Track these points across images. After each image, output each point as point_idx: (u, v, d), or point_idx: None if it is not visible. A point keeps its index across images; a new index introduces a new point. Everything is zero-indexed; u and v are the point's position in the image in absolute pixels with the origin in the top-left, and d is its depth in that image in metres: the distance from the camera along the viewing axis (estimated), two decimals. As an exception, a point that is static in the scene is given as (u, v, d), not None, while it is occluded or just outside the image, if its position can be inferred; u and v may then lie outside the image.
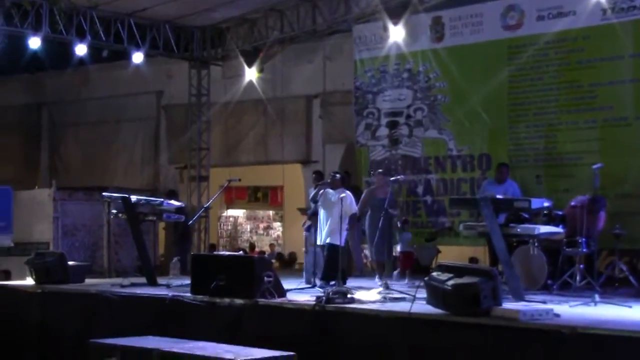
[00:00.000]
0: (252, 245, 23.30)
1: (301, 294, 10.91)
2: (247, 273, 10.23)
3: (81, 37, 17.49)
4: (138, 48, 18.38)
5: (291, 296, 10.49)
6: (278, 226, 24.38)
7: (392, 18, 15.84)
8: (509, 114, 14.99)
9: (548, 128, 14.54)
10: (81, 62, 19.28)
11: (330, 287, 10.86)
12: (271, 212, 24.64)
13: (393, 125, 16.49)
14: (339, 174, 13.48)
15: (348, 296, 9.79)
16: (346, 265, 14.61)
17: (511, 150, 14.87)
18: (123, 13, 17.82)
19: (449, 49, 15.79)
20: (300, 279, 12.96)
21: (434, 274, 9.01)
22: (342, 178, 13.18)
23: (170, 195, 16.15)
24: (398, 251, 13.78)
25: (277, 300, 10.06)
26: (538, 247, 11.73)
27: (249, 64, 18.66)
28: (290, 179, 20.75)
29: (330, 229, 12.61)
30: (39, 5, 16.29)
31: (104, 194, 15.24)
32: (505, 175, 13.75)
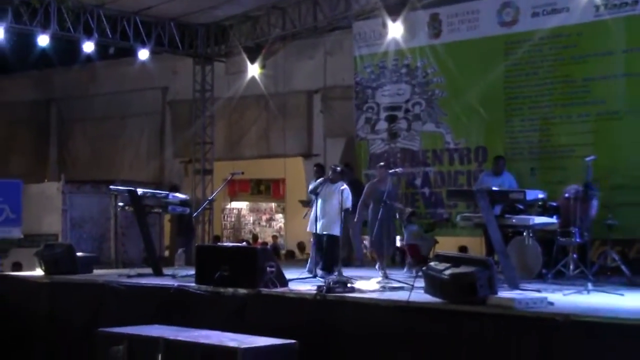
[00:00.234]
0: (255, 236, 23.28)
1: (303, 284, 10.89)
2: (250, 263, 10.22)
3: (88, 35, 17.52)
4: (144, 45, 18.39)
5: (293, 286, 10.48)
6: (280, 218, 24.36)
7: (391, 15, 15.85)
8: (505, 108, 14.99)
9: (543, 121, 14.54)
10: (88, 59, 19.36)
11: (331, 277, 10.86)
12: (273, 205, 24.61)
13: (392, 119, 16.49)
14: (339, 167, 13.47)
15: (348, 286, 9.78)
16: (346, 255, 14.67)
17: (507, 143, 14.87)
18: (129, 11, 17.84)
19: (446, 45, 15.78)
20: (301, 269, 12.92)
21: (432, 264, 9.01)
22: (342, 171, 13.16)
23: (172, 190, 16.14)
24: (404, 243, 13.71)
25: (279, 289, 10.05)
26: (533, 238, 11.72)
27: (252, 60, 18.67)
28: (292, 172, 20.76)
29: (329, 220, 12.61)
30: (48, 3, 16.31)
31: (111, 187, 15.31)
32: (502, 167, 13.76)
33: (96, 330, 9.83)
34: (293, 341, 8.70)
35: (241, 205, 24.99)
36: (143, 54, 18.56)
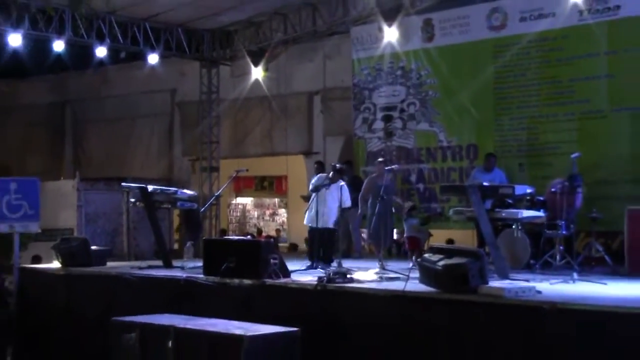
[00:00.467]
0: (260, 230, 23.30)
1: (304, 275, 10.89)
2: (255, 256, 10.21)
3: (101, 40, 17.52)
4: (153, 50, 18.39)
5: (295, 277, 10.47)
6: (283, 212, 24.35)
7: (387, 20, 15.88)
8: (495, 108, 14.97)
9: (530, 120, 14.54)
10: (101, 63, 19.29)
11: (331, 268, 10.86)
12: (276, 200, 24.62)
13: (388, 119, 16.49)
14: (338, 165, 13.40)
15: (347, 276, 9.76)
16: (346, 248, 14.66)
17: (497, 141, 14.86)
18: (139, 18, 17.82)
19: (439, 49, 15.77)
20: (304, 261, 12.86)
21: (426, 256, 9.00)
22: (340, 169, 13.07)
23: None
24: (405, 236, 13.63)
25: (282, 280, 10.04)
26: (521, 230, 11.75)
27: (255, 64, 18.69)
28: (293, 169, 20.72)
29: (329, 215, 12.59)
30: (62, 11, 16.31)
31: (123, 184, 15.25)
32: (492, 164, 13.76)
33: (110, 319, 9.83)
34: (295, 329, 8.69)
35: (246, 200, 24.99)
36: (152, 58, 18.56)
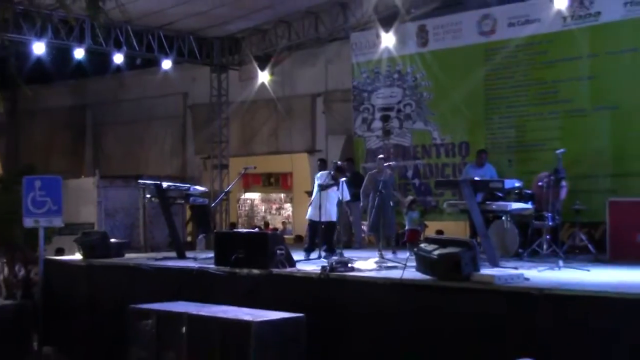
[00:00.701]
0: (267, 223, 23.29)
1: (309, 264, 10.90)
2: (262, 247, 10.21)
3: (118, 48, 17.61)
4: (166, 56, 18.45)
5: (300, 266, 10.47)
6: (288, 207, 24.35)
7: (384, 27, 15.88)
8: (485, 108, 14.98)
9: (518, 119, 14.55)
10: (118, 69, 19.35)
11: (333, 258, 10.84)
12: (282, 195, 24.60)
13: (386, 118, 16.50)
14: (340, 164, 13.31)
15: (349, 265, 9.75)
16: (347, 239, 14.66)
17: (487, 138, 14.88)
18: (153, 26, 17.85)
19: (433, 53, 15.78)
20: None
21: (422, 246, 9.00)
22: (340, 168, 13.00)
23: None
24: (406, 228, 13.54)
25: (288, 270, 10.05)
26: (511, 221, 11.75)
27: (262, 68, 18.72)
28: (298, 166, 20.73)
29: (330, 209, 12.55)
30: (82, 21, 16.32)
31: (140, 182, 15.31)
32: (484, 160, 13.74)
33: (128, 306, 9.88)
34: (301, 315, 8.73)
35: (254, 196, 24.97)
36: (166, 64, 18.62)
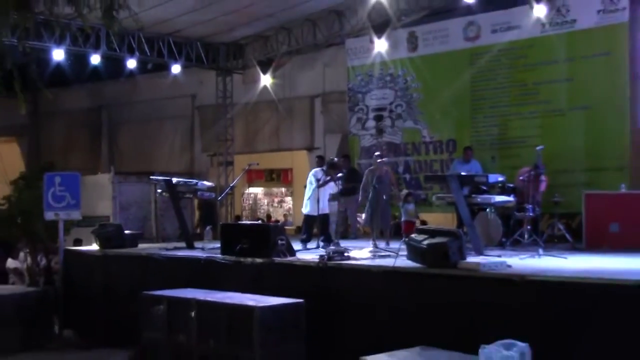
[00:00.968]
0: (269, 215, 23.24)
1: (308, 254, 10.88)
2: (265, 238, 10.17)
3: (131, 53, 17.61)
4: (176, 61, 18.44)
5: (300, 255, 10.46)
6: (289, 200, 24.27)
7: (377, 33, 15.83)
8: (471, 108, 15.00)
9: (501, 118, 14.57)
10: (131, 73, 19.34)
11: (330, 248, 10.82)
12: (283, 189, 24.54)
13: (379, 118, 16.50)
14: (335, 160, 13.26)
15: (345, 255, 9.75)
16: (344, 230, 14.63)
17: (472, 136, 14.88)
18: (164, 33, 17.83)
19: (422, 57, 15.79)
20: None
21: (413, 236, 8.99)
22: (334, 164, 12.97)
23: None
24: (402, 220, 13.46)
25: (289, 259, 10.02)
26: (494, 213, 11.75)
27: (264, 72, 18.68)
28: (298, 162, 20.73)
29: (325, 203, 12.49)
30: (98, 29, 16.31)
31: (152, 177, 15.26)
32: (470, 156, 13.76)
33: (141, 293, 9.87)
34: (301, 300, 8.72)
35: (257, 190, 24.93)
36: (175, 68, 18.61)
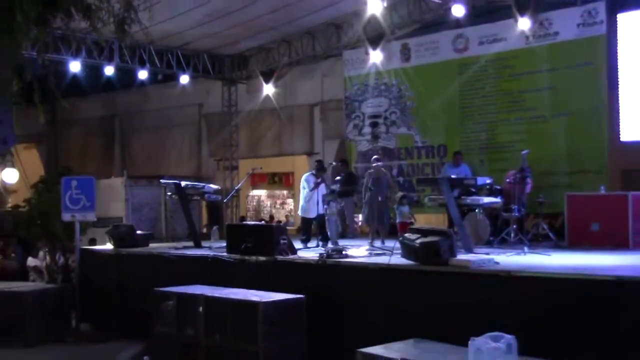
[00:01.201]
0: (272, 216, 23.21)
1: (308, 252, 10.89)
2: (268, 237, 10.18)
3: (142, 65, 17.64)
4: (184, 72, 18.45)
5: (301, 254, 10.47)
6: (290, 202, 24.24)
7: (372, 45, 15.87)
8: (460, 114, 15.01)
9: (489, 124, 14.59)
10: (142, 83, 19.36)
11: (329, 246, 10.81)
12: (285, 192, 24.52)
13: (374, 125, 16.52)
14: (331, 162, 13.20)
15: (343, 253, 9.77)
16: (342, 229, 14.57)
17: (462, 141, 14.88)
18: (173, 46, 17.84)
19: (415, 68, 15.80)
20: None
21: (407, 235, 8.98)
22: (320, 167, 12.96)
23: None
24: (397, 221, 13.42)
25: (290, 257, 10.03)
26: (483, 213, 11.73)
27: (266, 82, 18.69)
28: (299, 166, 20.70)
29: (319, 205, 12.41)
30: (112, 43, 16.28)
31: (162, 181, 15.30)
32: (459, 160, 13.77)
33: (152, 289, 9.86)
34: (302, 296, 8.73)
35: (260, 192, 24.92)
36: (183, 79, 18.62)
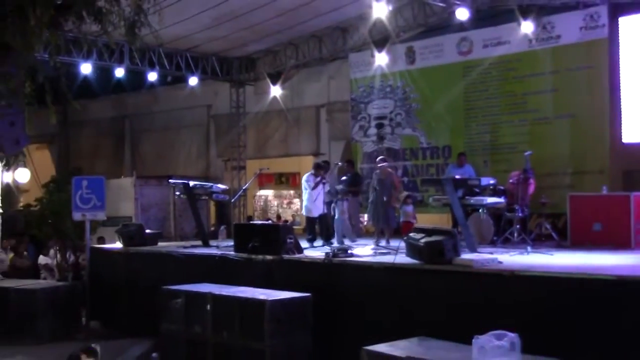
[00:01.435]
0: (279, 216, 23.22)
1: (314, 251, 10.89)
2: (275, 236, 10.18)
3: (152, 67, 17.65)
4: (193, 74, 18.46)
5: (307, 253, 10.47)
6: (297, 202, 24.21)
7: (377, 48, 15.92)
8: (464, 116, 15.01)
9: (492, 126, 14.58)
10: (152, 85, 19.40)
11: (335, 245, 10.82)
12: (292, 192, 24.50)
13: (380, 126, 16.52)
14: (333, 163, 13.17)
15: (348, 252, 9.77)
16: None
17: (466, 142, 14.88)
18: (182, 49, 17.85)
19: (419, 70, 15.80)
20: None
21: (411, 234, 8.99)
22: (319, 166, 12.94)
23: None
24: (401, 221, 13.37)
25: (297, 256, 10.03)
26: (486, 213, 11.72)
27: (274, 84, 18.73)
28: (305, 167, 20.48)
29: (321, 204, 12.38)
30: (122, 45, 16.30)
31: (170, 181, 15.33)
32: (463, 161, 13.73)
33: (161, 287, 9.88)
34: (308, 294, 8.75)
35: (267, 192, 24.92)
36: (192, 81, 18.64)
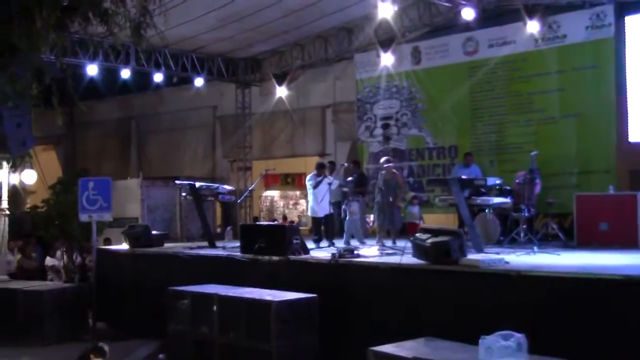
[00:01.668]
0: (285, 216, 23.22)
1: (320, 252, 10.86)
2: (281, 237, 10.16)
3: (158, 68, 17.68)
4: (198, 75, 18.49)
5: (313, 253, 10.44)
6: (303, 202, 24.21)
7: (383, 48, 15.88)
8: (471, 116, 14.99)
9: (499, 126, 14.55)
10: (158, 86, 19.40)
11: (341, 246, 10.79)
12: (298, 192, 24.47)
13: (386, 126, 16.50)
14: (346, 164, 13.20)
15: (355, 252, 9.74)
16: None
17: (472, 142, 14.85)
18: (187, 50, 17.89)
19: (425, 70, 15.78)
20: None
21: (417, 235, 8.95)
22: (320, 165, 12.95)
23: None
24: (406, 222, 13.31)
25: (303, 256, 10.01)
26: (493, 213, 11.69)
27: (279, 84, 18.71)
28: (311, 168, 20.25)
29: (325, 204, 12.34)
30: (128, 47, 16.29)
31: (177, 182, 15.34)
32: (470, 161, 13.71)
33: (167, 288, 9.85)
34: (314, 295, 8.70)
35: (273, 193, 24.93)
36: (198, 82, 18.65)
